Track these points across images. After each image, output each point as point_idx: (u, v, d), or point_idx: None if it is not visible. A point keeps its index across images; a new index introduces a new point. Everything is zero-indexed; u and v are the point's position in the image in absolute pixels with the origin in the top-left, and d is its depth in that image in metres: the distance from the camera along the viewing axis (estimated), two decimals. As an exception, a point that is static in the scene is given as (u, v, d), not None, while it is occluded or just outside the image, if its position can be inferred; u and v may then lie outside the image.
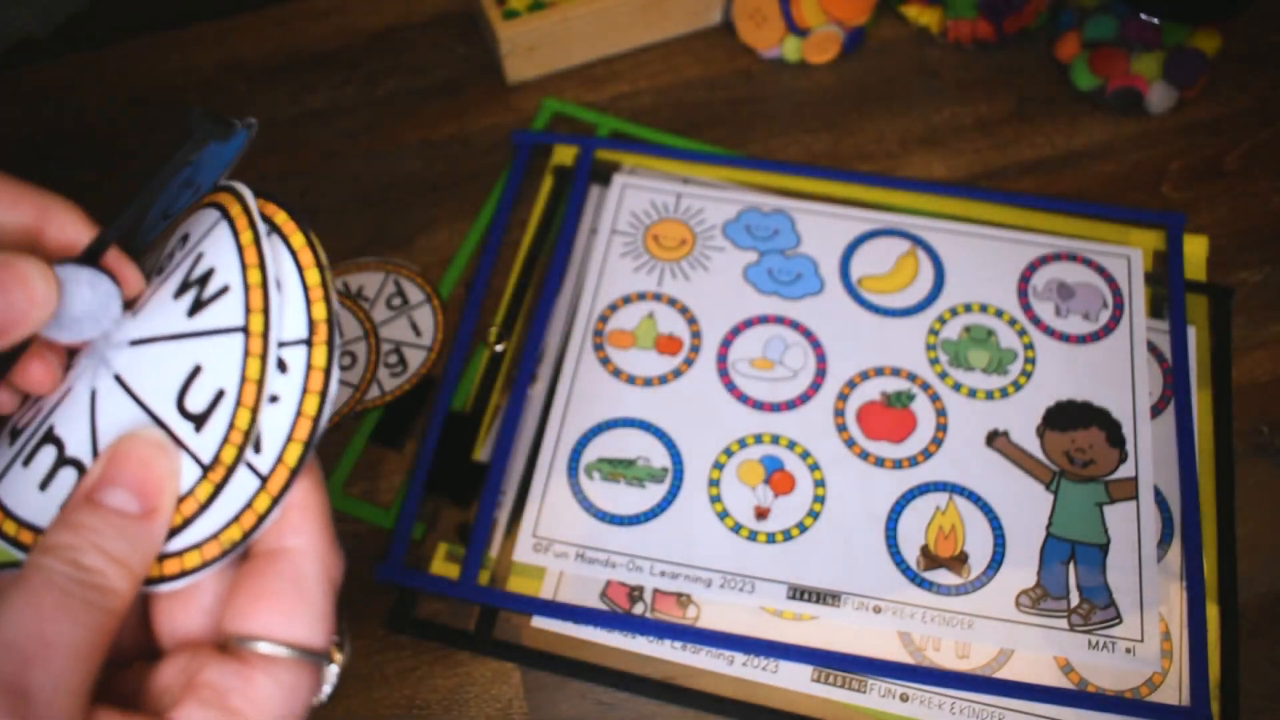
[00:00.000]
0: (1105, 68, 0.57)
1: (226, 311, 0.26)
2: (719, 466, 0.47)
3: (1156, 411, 0.48)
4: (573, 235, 0.53)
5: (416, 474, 0.47)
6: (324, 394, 0.25)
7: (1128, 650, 0.43)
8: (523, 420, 0.49)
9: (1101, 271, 0.52)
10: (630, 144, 0.56)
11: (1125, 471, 0.47)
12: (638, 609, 0.45)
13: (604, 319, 0.51)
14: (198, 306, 0.26)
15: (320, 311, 0.26)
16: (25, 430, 0.27)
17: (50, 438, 0.26)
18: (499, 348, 0.51)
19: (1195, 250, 0.53)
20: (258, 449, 0.25)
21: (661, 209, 0.54)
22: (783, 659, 0.43)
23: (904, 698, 0.43)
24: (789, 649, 0.43)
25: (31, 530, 0.26)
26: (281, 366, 0.25)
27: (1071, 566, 0.45)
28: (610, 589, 0.45)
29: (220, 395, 0.25)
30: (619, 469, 0.47)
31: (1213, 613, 0.44)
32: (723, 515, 0.46)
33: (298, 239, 0.26)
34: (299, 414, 0.25)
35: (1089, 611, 0.44)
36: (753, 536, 0.46)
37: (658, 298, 0.52)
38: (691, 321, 0.51)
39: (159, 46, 0.62)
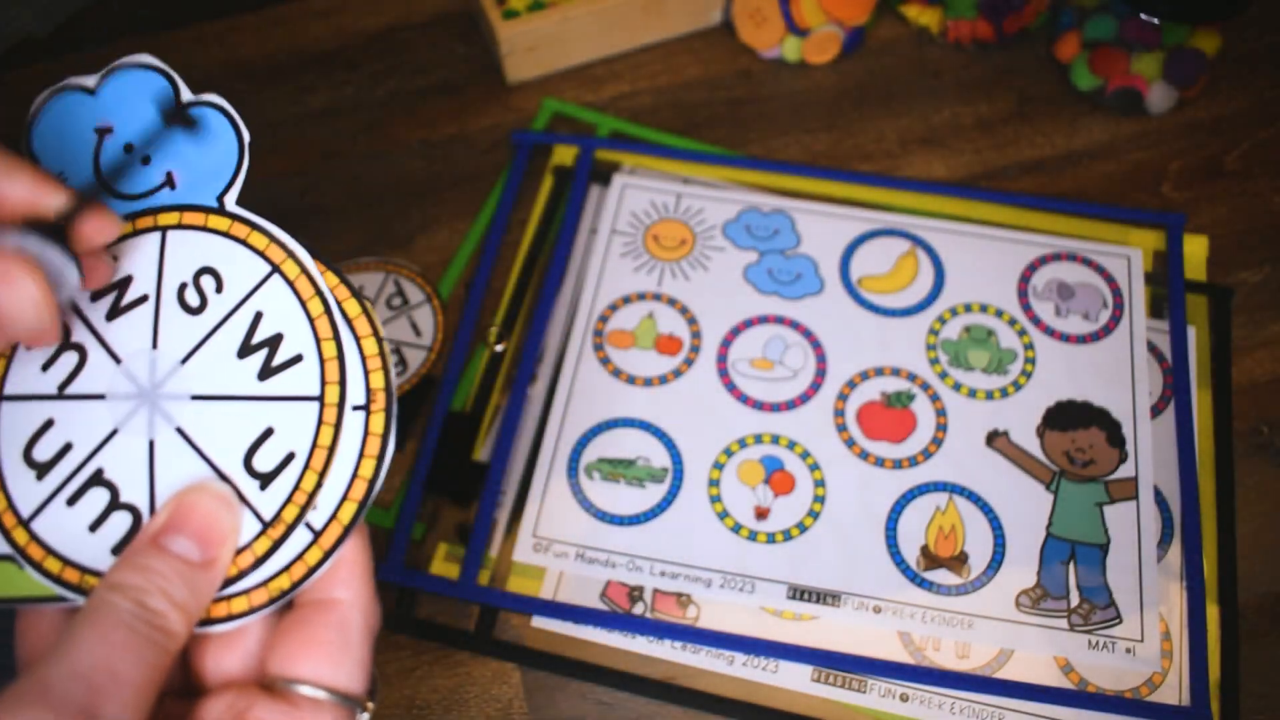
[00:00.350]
0: (1105, 68, 0.57)
1: (302, 380, 0.27)
2: (719, 466, 0.47)
3: (1156, 411, 0.48)
4: (573, 235, 0.53)
5: (416, 474, 0.47)
6: (380, 458, 0.27)
7: (1128, 650, 0.43)
8: (523, 420, 0.49)
9: (1101, 271, 0.52)
10: (630, 144, 0.56)
11: (1125, 471, 0.47)
12: (638, 609, 0.45)
13: (604, 319, 0.51)
14: (269, 372, 0.27)
15: (378, 381, 0.27)
16: (56, 466, 0.28)
17: (101, 481, 0.27)
18: (499, 348, 0.51)
19: (1195, 250, 0.53)
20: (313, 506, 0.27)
21: (661, 209, 0.54)
22: (783, 659, 0.43)
23: (904, 698, 0.43)
24: (789, 649, 0.43)
25: (78, 569, 0.27)
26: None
27: (1071, 566, 0.45)
28: (610, 589, 0.45)
29: (290, 458, 0.27)
30: (619, 469, 0.47)
31: (1213, 613, 0.44)
32: (723, 515, 0.46)
33: (353, 307, 0.28)
34: (355, 475, 0.27)
35: (1089, 611, 0.44)
36: (753, 536, 0.46)
37: (658, 298, 0.52)
38: (691, 321, 0.51)
39: (159, 46, 0.62)
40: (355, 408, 0.27)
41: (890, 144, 0.57)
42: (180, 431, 0.27)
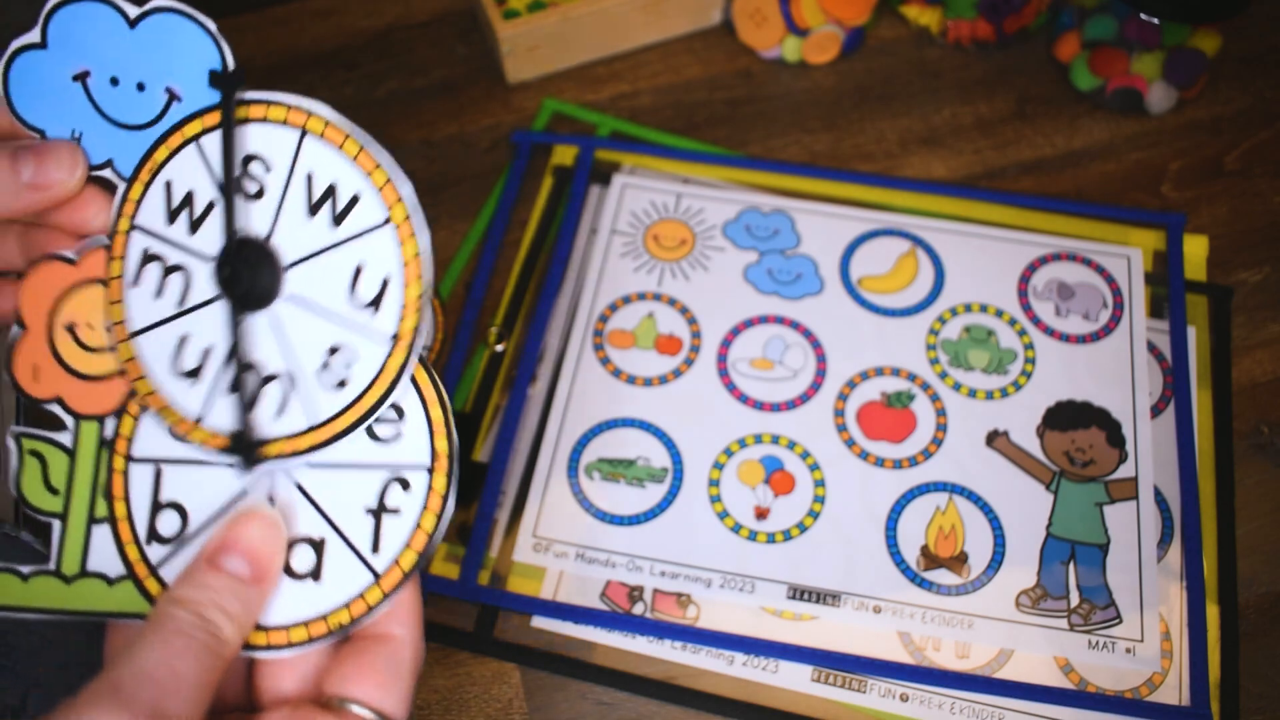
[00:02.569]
0: (1105, 68, 0.57)
1: (412, 450, 0.30)
2: (719, 466, 0.47)
3: (1156, 411, 0.48)
4: (573, 235, 0.53)
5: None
6: (440, 514, 0.29)
7: (1128, 650, 0.43)
8: (523, 420, 0.49)
9: (1101, 271, 0.52)
10: (630, 144, 0.56)
11: (1125, 471, 0.47)
12: (638, 609, 0.45)
13: (604, 319, 0.51)
14: (374, 436, 0.30)
15: (442, 445, 0.30)
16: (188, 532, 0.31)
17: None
18: (499, 348, 0.51)
19: (1195, 250, 0.53)
20: (376, 549, 0.30)
21: (661, 209, 0.54)
22: (782, 659, 0.43)
23: (904, 698, 0.43)
24: (789, 649, 0.43)
25: (159, 582, 0.30)
26: (405, 485, 0.30)
27: (1071, 566, 0.45)
28: (610, 589, 0.45)
29: (398, 514, 0.30)
30: (619, 469, 0.47)
31: (1213, 613, 0.44)
32: (723, 515, 0.46)
33: (422, 376, 0.30)
34: (417, 527, 0.29)
35: (1089, 611, 0.44)
36: (753, 536, 0.46)
37: (658, 298, 0.52)
38: (691, 321, 0.51)
39: (159, 46, 0.62)
40: (420, 466, 0.30)
41: (890, 144, 0.57)
42: (300, 487, 0.30)
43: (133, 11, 0.31)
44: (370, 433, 0.30)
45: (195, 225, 0.31)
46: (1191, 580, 0.44)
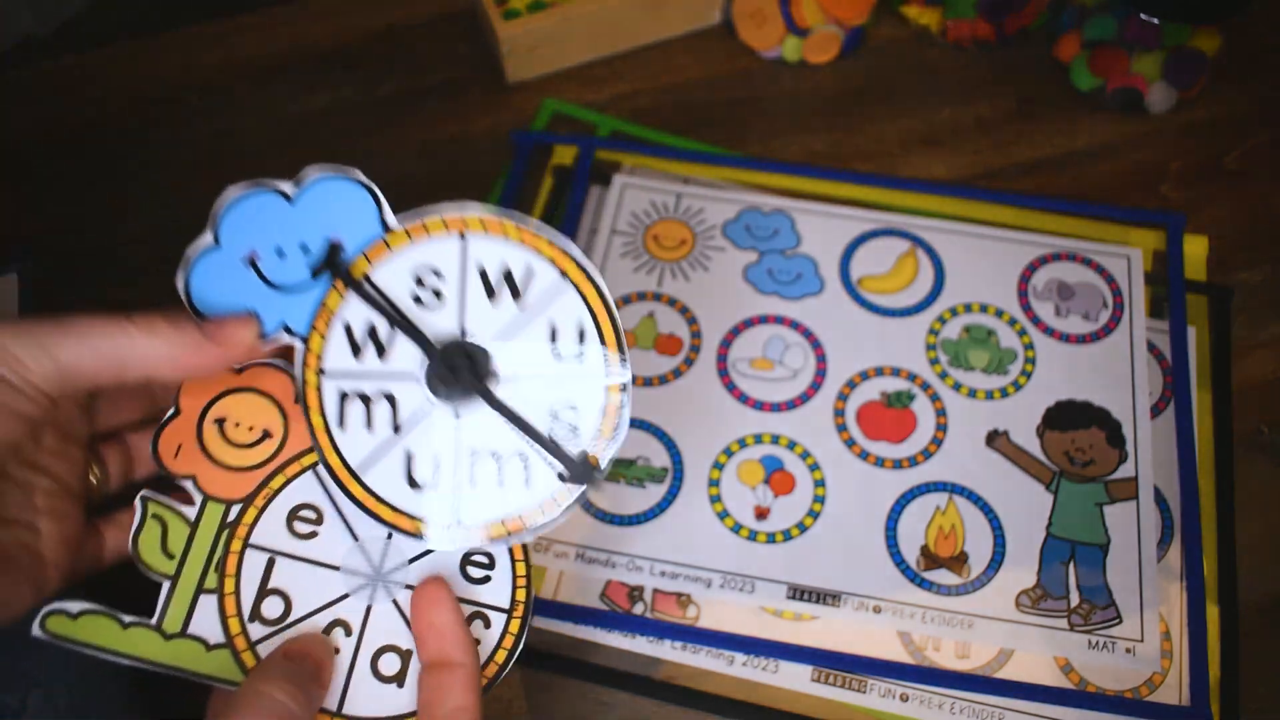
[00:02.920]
0: (1105, 68, 0.57)
1: (496, 594, 0.35)
2: (719, 466, 0.47)
3: (1156, 411, 0.48)
4: (573, 235, 0.53)
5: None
6: (512, 651, 0.34)
7: (1128, 650, 0.43)
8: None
9: (1101, 271, 0.52)
10: (630, 144, 0.56)
11: (1125, 471, 0.47)
12: (638, 609, 0.45)
13: None
14: (475, 580, 0.35)
15: (522, 595, 0.35)
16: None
17: (338, 623, 0.35)
18: None
19: (1195, 250, 0.53)
20: None
21: (661, 209, 0.54)
22: (783, 659, 0.43)
23: (904, 698, 0.43)
24: (789, 649, 0.43)
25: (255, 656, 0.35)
26: (485, 622, 0.35)
27: (1072, 566, 0.45)
28: (610, 589, 0.45)
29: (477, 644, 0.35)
30: (619, 469, 0.47)
31: (1212, 613, 0.44)
32: (723, 515, 0.46)
33: (518, 550, 0.35)
34: (490, 660, 0.34)
35: (1089, 611, 0.44)
36: (753, 536, 0.46)
37: (658, 298, 0.52)
38: (692, 321, 0.51)
39: (159, 46, 0.62)
40: (502, 609, 0.35)
41: (890, 144, 0.57)
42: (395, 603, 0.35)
43: (292, 190, 0.34)
44: (465, 574, 0.35)
45: (383, 350, 0.34)
46: (1192, 580, 0.44)
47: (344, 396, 0.34)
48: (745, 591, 0.44)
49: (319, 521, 0.35)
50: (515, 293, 0.34)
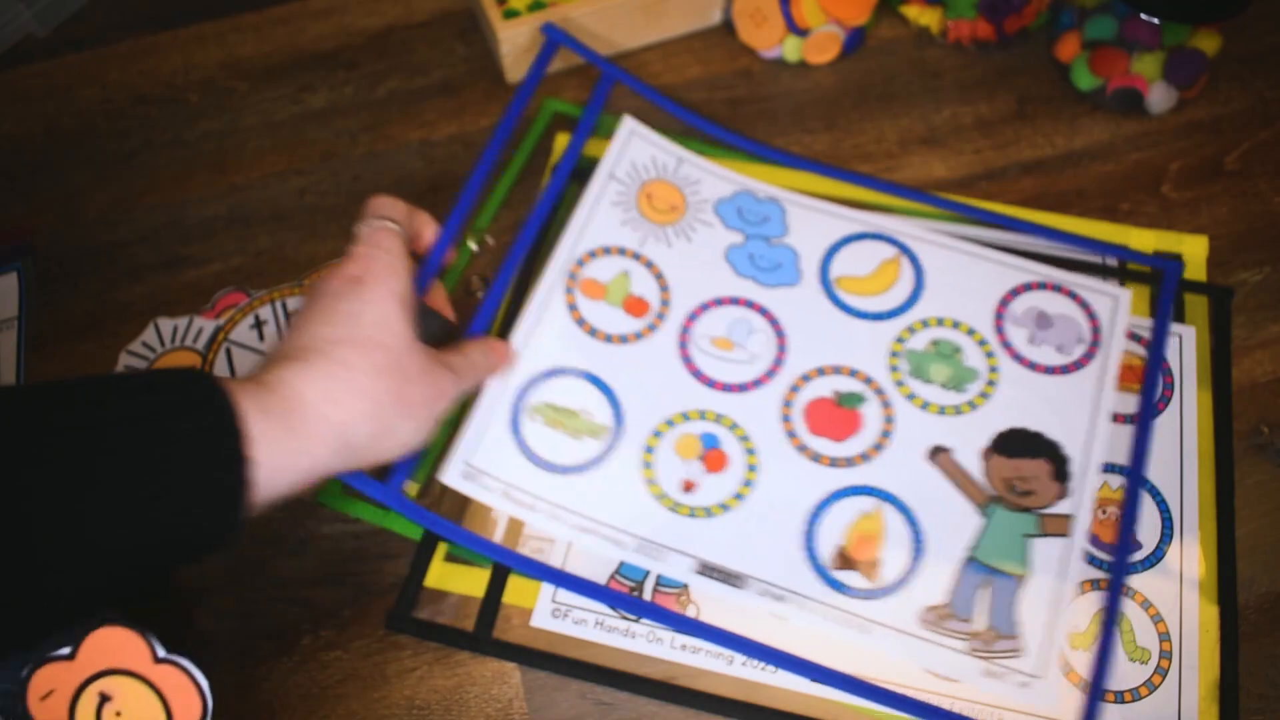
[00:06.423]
0: (1105, 68, 0.57)
1: None
2: (658, 434, 0.48)
3: (1156, 412, 0.48)
4: (578, 164, 0.54)
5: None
6: None
7: (1023, 685, 0.42)
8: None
9: (1085, 307, 0.51)
10: (646, 91, 0.57)
11: (1063, 508, 0.46)
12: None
13: (581, 263, 0.51)
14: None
15: None
16: None
17: None
18: (474, 246, 0.51)
19: (1195, 250, 0.53)
20: None
21: (660, 168, 0.54)
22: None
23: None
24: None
25: None
26: None
27: (986, 593, 0.44)
28: (610, 588, 0.45)
29: None
30: (561, 416, 0.47)
31: (1212, 613, 0.44)
32: (650, 482, 0.46)
33: None
34: None
35: (992, 639, 0.43)
36: (675, 508, 0.46)
37: (637, 257, 0.52)
38: (664, 289, 0.51)
39: (159, 46, 0.62)
40: None
41: (890, 144, 0.57)
42: None
43: None
44: None
45: None
46: (1114, 590, 0.44)
47: None
48: (656, 560, 0.45)
49: None
50: None
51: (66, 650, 0.34)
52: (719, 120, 0.58)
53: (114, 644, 0.34)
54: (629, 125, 0.54)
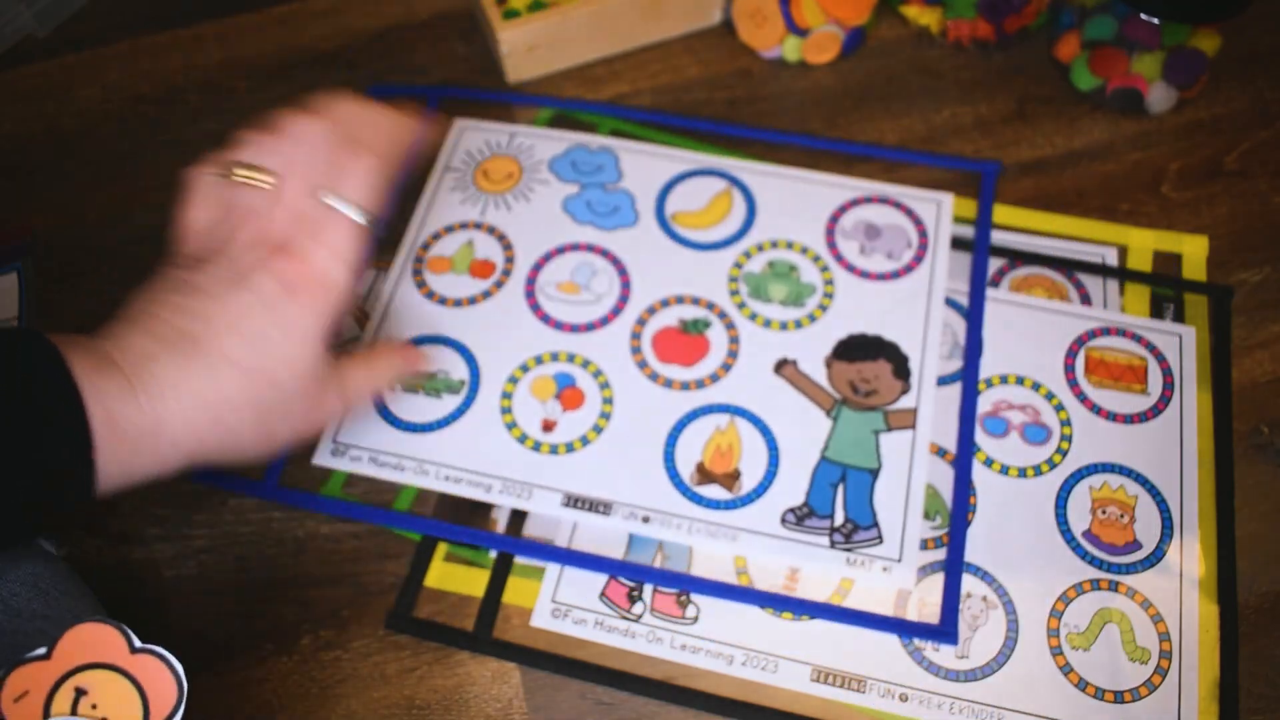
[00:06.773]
0: (1105, 68, 0.57)
1: None
2: (514, 380, 0.49)
3: (1156, 412, 0.49)
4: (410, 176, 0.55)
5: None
6: None
7: (884, 569, 0.44)
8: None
9: (910, 214, 0.54)
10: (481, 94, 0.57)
11: (906, 403, 0.48)
12: (636, 609, 0.45)
13: (426, 247, 0.53)
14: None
15: None
16: None
17: None
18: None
19: (1195, 250, 0.53)
20: None
21: (495, 146, 0.56)
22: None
23: (903, 698, 0.43)
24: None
25: None
26: None
27: (841, 489, 0.46)
28: (609, 589, 0.45)
29: None
30: (419, 380, 0.49)
31: (1212, 612, 0.44)
32: (511, 426, 0.48)
33: None
34: None
35: (851, 531, 0.45)
36: (537, 447, 0.48)
37: (479, 226, 0.54)
38: (507, 248, 0.53)
39: (159, 46, 0.62)
40: None
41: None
42: None
43: None
44: None
45: None
46: (951, 566, 0.45)
47: None
48: (523, 498, 0.46)
49: None
50: None
51: (42, 650, 0.34)
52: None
53: (91, 640, 0.35)
54: (459, 125, 0.57)
